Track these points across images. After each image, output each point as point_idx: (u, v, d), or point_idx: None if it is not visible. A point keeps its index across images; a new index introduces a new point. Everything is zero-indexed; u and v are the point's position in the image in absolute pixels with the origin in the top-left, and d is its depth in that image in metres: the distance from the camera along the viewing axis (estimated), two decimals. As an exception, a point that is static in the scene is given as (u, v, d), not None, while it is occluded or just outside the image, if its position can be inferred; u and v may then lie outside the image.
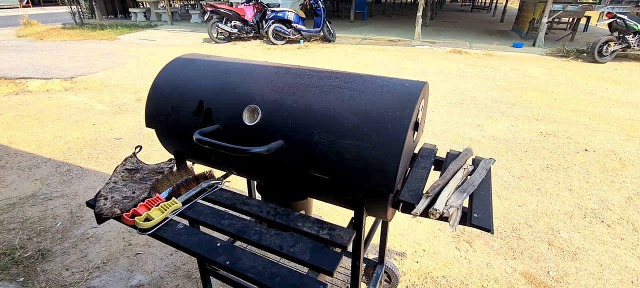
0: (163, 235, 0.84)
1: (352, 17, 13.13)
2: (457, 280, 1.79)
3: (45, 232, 2.07)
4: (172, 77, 1.07)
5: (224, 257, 0.79)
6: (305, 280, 0.75)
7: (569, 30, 10.00)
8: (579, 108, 4.35)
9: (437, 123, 3.78)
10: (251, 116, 0.90)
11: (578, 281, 1.79)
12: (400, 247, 2.02)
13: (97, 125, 3.65)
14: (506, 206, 2.39)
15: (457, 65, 6.62)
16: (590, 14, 10.37)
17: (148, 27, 11.31)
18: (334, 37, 8.94)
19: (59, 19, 13.88)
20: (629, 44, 6.66)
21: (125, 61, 6.65)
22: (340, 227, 0.85)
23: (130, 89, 4.92)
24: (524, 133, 3.57)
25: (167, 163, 1.13)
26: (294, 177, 0.95)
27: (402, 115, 0.81)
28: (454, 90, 5.01)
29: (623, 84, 5.48)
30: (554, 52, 7.82)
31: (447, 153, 1.11)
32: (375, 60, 6.89)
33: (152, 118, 1.08)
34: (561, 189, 2.60)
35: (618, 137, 3.51)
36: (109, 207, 0.89)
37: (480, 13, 18.42)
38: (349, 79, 0.94)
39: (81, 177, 2.66)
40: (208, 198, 0.98)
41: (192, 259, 1.87)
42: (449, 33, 10.69)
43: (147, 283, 1.74)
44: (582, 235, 2.12)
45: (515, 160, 3.02)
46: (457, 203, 0.82)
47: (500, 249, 2.00)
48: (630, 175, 2.80)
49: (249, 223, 0.87)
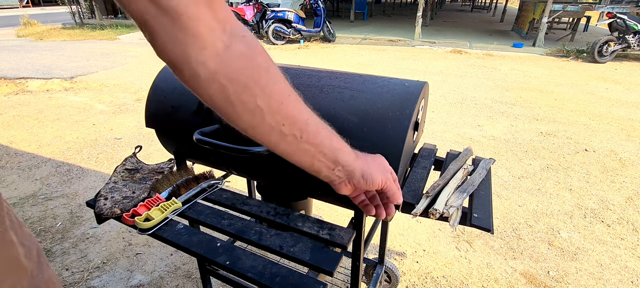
0: (163, 235, 0.84)
1: (352, 17, 13.13)
2: (457, 280, 1.79)
3: (45, 232, 2.07)
4: (172, 77, 1.07)
5: (224, 257, 0.79)
6: (305, 280, 0.75)
7: (569, 30, 10.00)
8: (579, 108, 4.35)
9: (437, 123, 3.78)
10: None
11: (578, 281, 1.79)
12: (400, 247, 2.02)
13: (97, 125, 3.65)
14: (506, 206, 2.39)
15: (457, 65, 6.62)
16: (590, 14, 10.38)
17: (148, 27, 11.30)
18: (334, 37, 8.94)
19: (59, 19, 13.88)
20: (629, 44, 6.67)
21: (125, 61, 6.65)
22: (340, 227, 0.85)
23: (130, 88, 4.92)
24: (524, 133, 3.57)
25: (167, 163, 1.13)
26: (294, 177, 0.95)
27: (402, 115, 0.81)
28: (454, 90, 5.01)
29: (623, 84, 5.48)
30: (554, 52, 7.82)
31: (447, 153, 1.11)
32: (375, 60, 6.89)
33: (152, 118, 1.07)
34: (561, 189, 2.60)
35: (618, 137, 3.51)
36: (109, 207, 0.89)
37: (480, 13, 18.43)
38: (348, 78, 0.94)
39: (81, 177, 2.66)
40: (208, 198, 0.98)
41: (192, 259, 1.87)
42: (449, 33, 10.69)
43: (147, 283, 1.74)
44: (582, 235, 2.12)
45: (515, 160, 3.02)
46: (457, 204, 0.82)
47: (500, 249, 2.00)
48: (630, 175, 2.80)
49: (249, 223, 0.87)
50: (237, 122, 0.45)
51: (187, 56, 0.38)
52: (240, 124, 0.46)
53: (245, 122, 0.45)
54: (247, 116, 0.44)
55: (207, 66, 0.39)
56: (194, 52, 0.38)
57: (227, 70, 0.40)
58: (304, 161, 0.52)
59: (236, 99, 0.42)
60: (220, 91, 0.41)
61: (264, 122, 0.45)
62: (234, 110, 0.43)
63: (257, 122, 0.45)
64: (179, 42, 0.37)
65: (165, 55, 0.38)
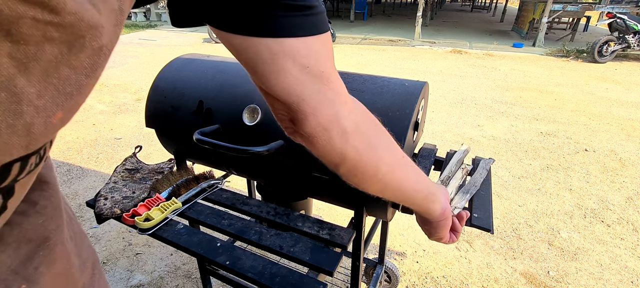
0: (163, 235, 0.84)
1: (352, 17, 13.13)
2: (457, 280, 1.79)
3: (45, 232, 2.07)
4: (172, 77, 1.07)
5: (224, 257, 0.79)
6: (305, 280, 0.75)
7: (569, 30, 10.00)
8: (579, 108, 4.35)
9: (437, 123, 3.78)
10: (251, 116, 0.90)
11: (578, 281, 1.80)
12: (400, 247, 2.02)
13: (97, 125, 3.65)
14: (506, 206, 2.39)
15: (457, 65, 6.62)
16: (590, 14, 10.38)
17: (148, 27, 11.32)
18: (334, 37, 8.94)
19: (59, 19, 13.87)
20: (629, 44, 6.67)
21: (125, 61, 6.65)
22: (340, 227, 0.85)
23: (130, 89, 4.92)
24: (524, 133, 3.57)
25: (167, 163, 1.13)
26: (294, 177, 0.95)
27: (402, 115, 0.81)
28: (454, 90, 5.01)
29: (623, 84, 5.48)
30: (554, 52, 7.82)
31: (447, 153, 1.11)
32: (375, 60, 6.89)
33: (152, 118, 1.08)
34: (561, 189, 2.60)
35: (618, 137, 3.51)
36: (109, 207, 0.89)
37: (480, 13, 18.43)
38: (348, 78, 0.94)
39: (81, 177, 2.66)
40: (208, 198, 0.98)
41: (192, 259, 1.87)
42: (449, 33, 10.69)
43: (147, 283, 1.74)
44: (582, 235, 2.12)
45: (515, 160, 3.02)
46: (461, 205, 0.82)
47: (500, 249, 2.00)
48: (630, 175, 2.80)
49: (249, 223, 0.87)
50: (367, 173, 0.48)
51: (337, 114, 0.41)
52: (370, 171, 0.48)
53: (373, 170, 0.48)
54: (375, 168, 0.48)
55: (351, 120, 0.43)
56: (342, 109, 0.41)
57: (361, 122, 0.45)
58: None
59: (369, 148, 0.46)
60: (363, 144, 0.45)
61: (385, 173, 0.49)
62: (370, 159, 0.46)
63: (379, 172, 0.48)
64: (331, 103, 0.40)
65: (316, 120, 0.40)
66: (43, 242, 0.43)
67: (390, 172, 0.49)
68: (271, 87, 0.38)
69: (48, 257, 0.44)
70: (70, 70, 0.26)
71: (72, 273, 0.48)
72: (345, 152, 0.43)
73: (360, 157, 0.45)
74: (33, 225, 0.42)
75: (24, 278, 0.40)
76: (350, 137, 0.43)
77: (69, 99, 0.28)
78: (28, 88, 0.24)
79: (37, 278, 0.42)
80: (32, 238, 0.42)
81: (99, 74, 0.30)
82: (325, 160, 0.45)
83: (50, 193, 0.46)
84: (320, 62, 0.38)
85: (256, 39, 0.35)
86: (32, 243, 0.42)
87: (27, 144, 0.27)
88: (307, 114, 0.39)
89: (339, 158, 0.44)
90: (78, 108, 0.31)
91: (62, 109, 0.28)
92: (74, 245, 0.49)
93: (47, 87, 0.25)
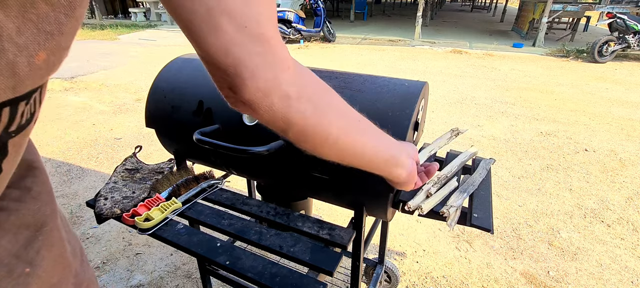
0: (163, 235, 0.84)
1: (352, 17, 13.13)
2: (457, 280, 1.79)
3: (45, 232, 2.07)
4: (172, 77, 1.07)
5: (224, 257, 0.79)
6: (305, 280, 0.75)
7: (569, 30, 10.00)
8: (579, 108, 4.35)
9: (437, 123, 3.78)
10: (251, 116, 0.90)
11: (578, 281, 1.80)
12: (400, 247, 2.02)
13: (97, 125, 3.65)
14: (506, 206, 2.39)
15: (457, 65, 6.62)
16: (590, 14, 10.38)
17: (148, 27, 11.31)
18: (334, 37, 8.94)
19: (59, 19, 13.86)
20: (629, 44, 6.67)
21: (125, 61, 6.65)
22: (340, 227, 0.85)
23: (130, 89, 4.92)
24: (524, 133, 3.57)
25: (167, 163, 1.13)
26: (294, 177, 0.95)
27: (402, 115, 0.81)
28: (454, 90, 5.01)
29: (623, 84, 5.48)
30: (554, 52, 7.82)
31: (447, 153, 1.11)
32: (375, 60, 6.89)
33: (152, 118, 1.08)
34: (561, 189, 2.60)
35: (618, 137, 3.51)
36: (109, 207, 0.89)
37: (480, 13, 18.43)
38: (348, 79, 0.94)
39: (81, 177, 2.66)
40: (208, 198, 0.98)
41: (192, 259, 1.87)
42: (449, 33, 10.69)
43: (147, 283, 1.74)
44: (582, 235, 2.12)
45: (515, 160, 3.02)
46: (457, 203, 0.82)
47: (500, 249, 2.00)
48: (630, 175, 2.80)
49: (249, 223, 0.87)
50: (317, 138, 0.46)
51: (277, 78, 0.38)
52: (327, 140, 0.46)
53: (328, 138, 0.46)
54: (325, 133, 0.46)
55: (295, 84, 0.40)
56: (283, 74, 0.39)
57: (308, 86, 0.43)
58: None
59: (317, 113, 0.43)
60: (309, 109, 0.42)
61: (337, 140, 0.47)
62: (319, 124, 0.44)
63: (331, 140, 0.46)
64: (270, 66, 0.37)
65: (255, 84, 0.37)
66: (41, 227, 0.44)
67: (343, 135, 0.47)
68: (207, 48, 0.36)
69: (47, 241, 0.45)
70: (47, 6, 0.26)
71: (66, 257, 0.49)
72: (289, 117, 0.41)
73: (306, 122, 0.42)
74: (30, 210, 0.43)
75: (26, 262, 0.41)
76: (293, 102, 0.40)
77: (49, 39, 0.28)
78: (7, 23, 0.24)
79: (39, 261, 0.43)
80: (30, 224, 0.43)
81: (78, 14, 0.30)
82: (271, 127, 0.43)
83: (42, 179, 0.47)
84: (261, 23, 0.36)
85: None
86: (31, 229, 0.43)
87: (13, 85, 0.28)
88: (245, 78, 0.37)
89: (285, 124, 0.42)
90: (62, 53, 0.31)
91: (44, 49, 0.28)
92: (64, 232, 0.50)
93: (25, 23, 0.26)
